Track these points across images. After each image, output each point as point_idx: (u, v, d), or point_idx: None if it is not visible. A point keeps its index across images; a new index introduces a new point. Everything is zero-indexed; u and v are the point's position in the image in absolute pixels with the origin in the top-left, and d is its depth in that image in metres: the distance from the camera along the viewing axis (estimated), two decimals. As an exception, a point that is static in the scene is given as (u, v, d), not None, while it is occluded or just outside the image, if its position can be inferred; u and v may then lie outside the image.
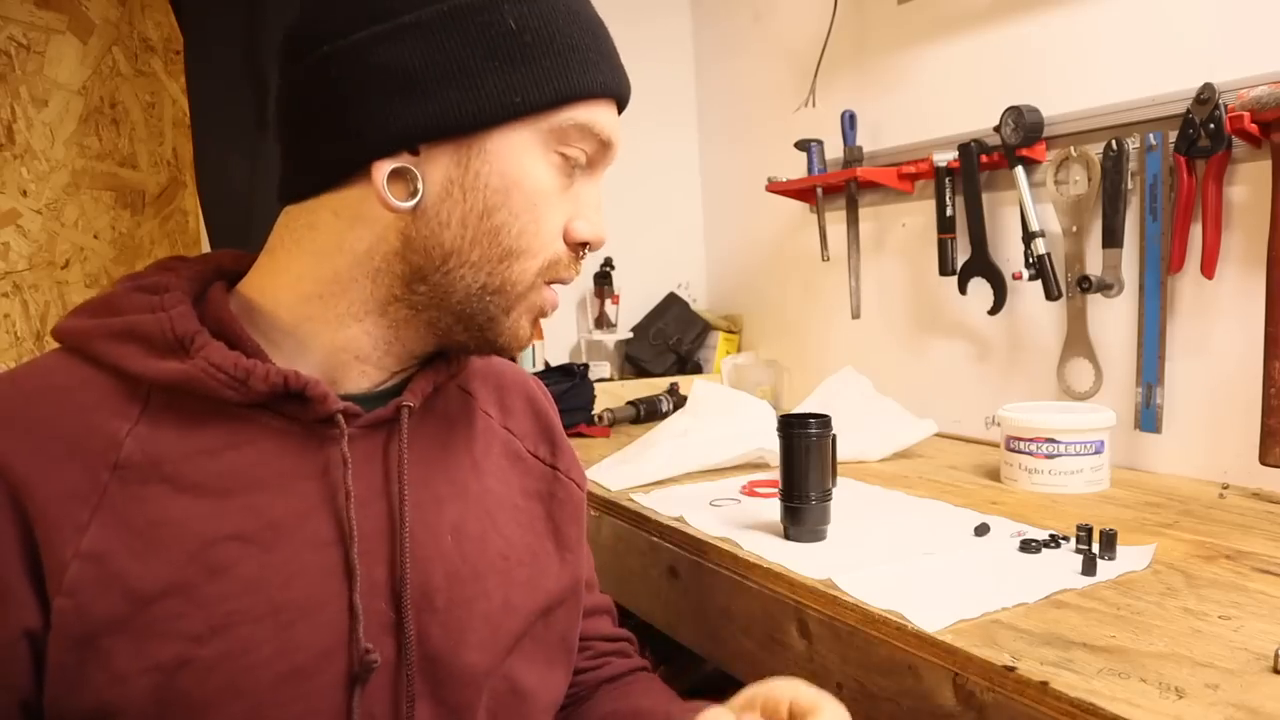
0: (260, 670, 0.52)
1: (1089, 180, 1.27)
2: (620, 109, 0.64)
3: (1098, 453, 1.10)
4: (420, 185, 0.57)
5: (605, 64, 0.61)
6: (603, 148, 0.62)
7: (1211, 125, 1.07)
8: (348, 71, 0.56)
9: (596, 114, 0.60)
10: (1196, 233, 1.14)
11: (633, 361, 2.06)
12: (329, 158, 0.58)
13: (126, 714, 0.50)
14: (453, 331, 0.61)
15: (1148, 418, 1.22)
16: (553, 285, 0.63)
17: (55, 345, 0.58)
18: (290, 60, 0.59)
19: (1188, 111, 1.10)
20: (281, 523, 0.55)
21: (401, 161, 0.56)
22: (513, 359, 0.65)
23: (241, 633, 0.52)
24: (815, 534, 0.93)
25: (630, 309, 2.06)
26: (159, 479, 0.53)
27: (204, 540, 0.52)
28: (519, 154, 0.58)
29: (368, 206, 0.58)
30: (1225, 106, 1.06)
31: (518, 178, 0.58)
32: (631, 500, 1.14)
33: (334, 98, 0.56)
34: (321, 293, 0.59)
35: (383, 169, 0.56)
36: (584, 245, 0.63)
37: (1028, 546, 0.86)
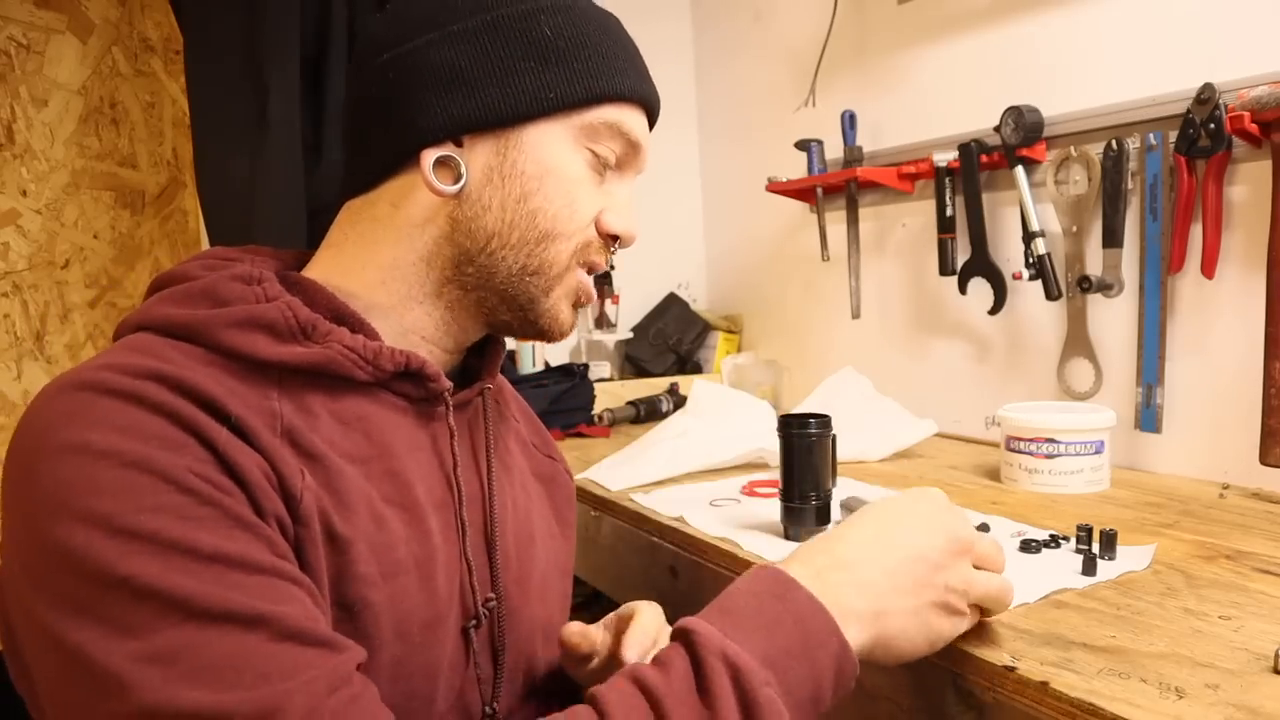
0: (413, 616, 0.59)
1: (1089, 180, 1.27)
2: (650, 120, 0.71)
3: (1098, 453, 1.10)
4: (464, 172, 0.63)
5: (633, 73, 0.67)
6: (631, 149, 0.68)
7: (1211, 125, 1.07)
8: (402, 72, 0.63)
9: (625, 116, 0.66)
10: (1196, 233, 1.14)
11: (633, 361, 2.06)
12: (385, 147, 0.64)
13: None
14: (498, 312, 0.67)
15: (1148, 418, 1.22)
16: (587, 272, 0.68)
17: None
18: (355, 72, 0.67)
19: (1188, 111, 1.10)
20: (412, 486, 0.62)
21: (447, 150, 0.63)
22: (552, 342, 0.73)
23: (400, 582, 0.59)
24: (815, 534, 0.93)
25: (630, 309, 2.07)
26: (322, 444, 0.57)
27: (370, 498, 0.58)
28: (552, 145, 0.64)
29: (420, 194, 0.64)
30: (1225, 106, 1.06)
31: (551, 165, 0.64)
32: (631, 500, 1.14)
33: (390, 95, 0.63)
34: (384, 279, 0.65)
35: (430, 155, 0.62)
36: (615, 239, 0.68)
37: (1028, 546, 0.86)
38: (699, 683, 0.49)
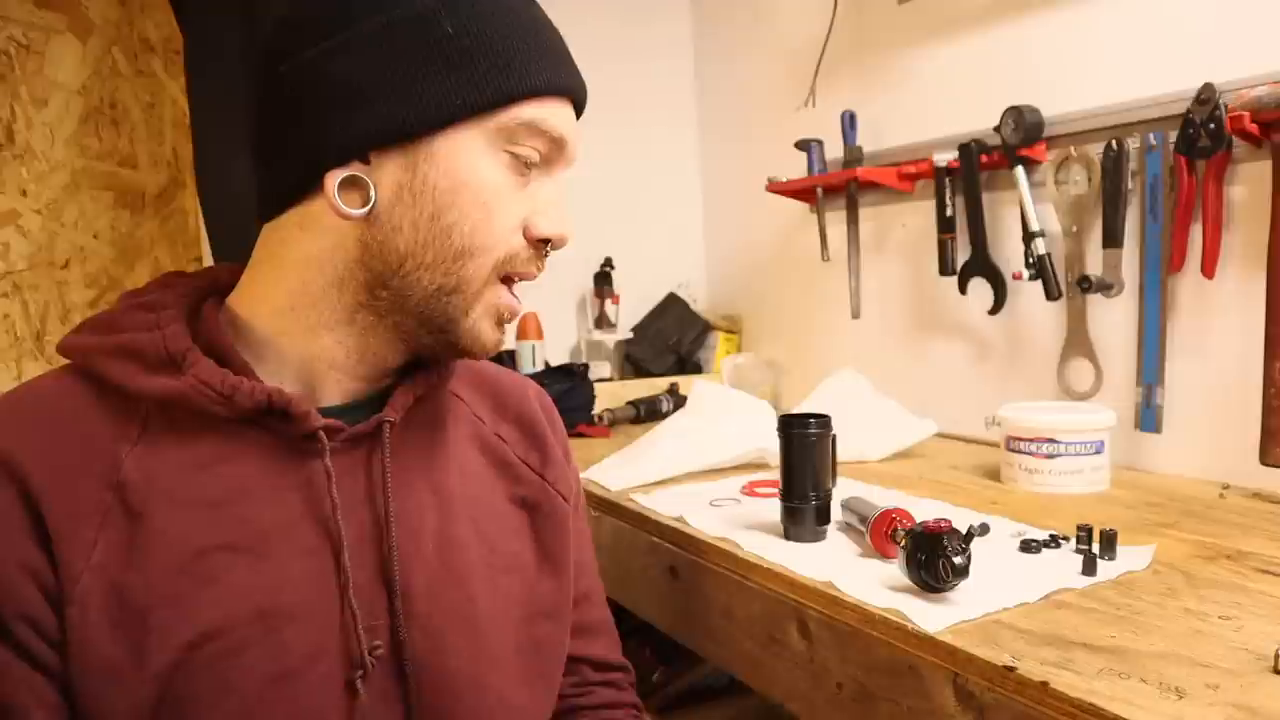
0: (249, 672, 0.55)
1: (1089, 180, 1.27)
2: (578, 109, 0.65)
3: (1098, 453, 1.10)
4: (373, 192, 0.59)
5: (549, 63, 0.61)
6: (554, 145, 0.63)
7: (1211, 125, 1.07)
8: (300, 87, 0.59)
9: (544, 111, 0.61)
10: (1196, 233, 1.14)
11: (633, 361, 2.06)
12: (289, 172, 0.60)
13: (128, 715, 0.53)
14: (418, 335, 0.63)
15: (1148, 418, 1.22)
16: (515, 283, 0.64)
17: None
18: (256, 80, 0.62)
19: (1188, 111, 1.10)
20: (270, 532, 0.57)
21: (353, 170, 0.59)
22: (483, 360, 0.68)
23: (232, 637, 0.55)
24: (815, 534, 0.93)
25: (630, 309, 2.06)
26: (155, 495, 0.55)
27: (196, 551, 0.55)
28: (465, 155, 0.59)
29: (328, 217, 0.60)
30: (1225, 106, 1.06)
31: (465, 178, 0.59)
32: (631, 500, 1.14)
33: (290, 113, 0.59)
34: (293, 305, 0.62)
35: (335, 178, 0.58)
36: (546, 242, 0.63)
37: (1028, 546, 0.86)
38: None
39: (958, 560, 0.71)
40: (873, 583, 0.78)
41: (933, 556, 0.72)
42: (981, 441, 1.44)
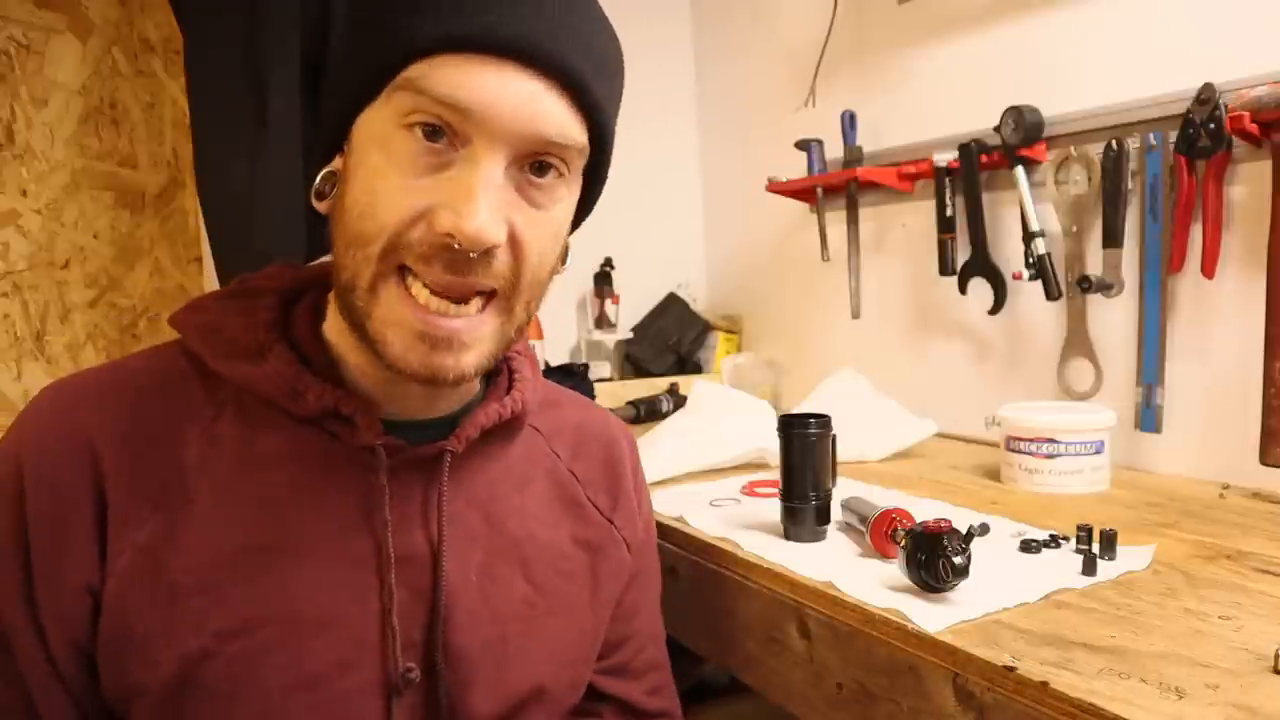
0: (273, 674, 0.54)
1: (1089, 180, 1.27)
2: (537, 62, 0.51)
3: (1098, 453, 1.10)
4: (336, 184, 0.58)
5: (445, 8, 0.51)
6: (456, 114, 0.51)
7: (1211, 125, 1.07)
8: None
9: (435, 71, 0.50)
10: (1196, 233, 1.14)
11: (633, 361, 2.06)
12: (318, 166, 0.61)
13: (153, 694, 0.53)
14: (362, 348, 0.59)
15: (1148, 418, 1.22)
16: (416, 287, 0.54)
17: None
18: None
19: (1188, 111, 1.10)
20: (315, 539, 0.57)
21: (332, 165, 0.58)
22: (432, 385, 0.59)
23: (261, 636, 0.54)
24: (815, 534, 0.93)
25: (630, 309, 2.06)
26: (212, 482, 0.55)
27: (239, 546, 0.55)
28: (368, 136, 0.54)
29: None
30: (1225, 106, 1.06)
31: (362, 157, 0.54)
32: (631, 500, 1.14)
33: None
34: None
35: (319, 174, 0.58)
36: (450, 237, 0.52)
37: (1028, 546, 0.86)
38: None
39: (958, 560, 0.71)
40: (873, 583, 0.78)
41: (933, 556, 0.72)
42: (981, 441, 1.44)
